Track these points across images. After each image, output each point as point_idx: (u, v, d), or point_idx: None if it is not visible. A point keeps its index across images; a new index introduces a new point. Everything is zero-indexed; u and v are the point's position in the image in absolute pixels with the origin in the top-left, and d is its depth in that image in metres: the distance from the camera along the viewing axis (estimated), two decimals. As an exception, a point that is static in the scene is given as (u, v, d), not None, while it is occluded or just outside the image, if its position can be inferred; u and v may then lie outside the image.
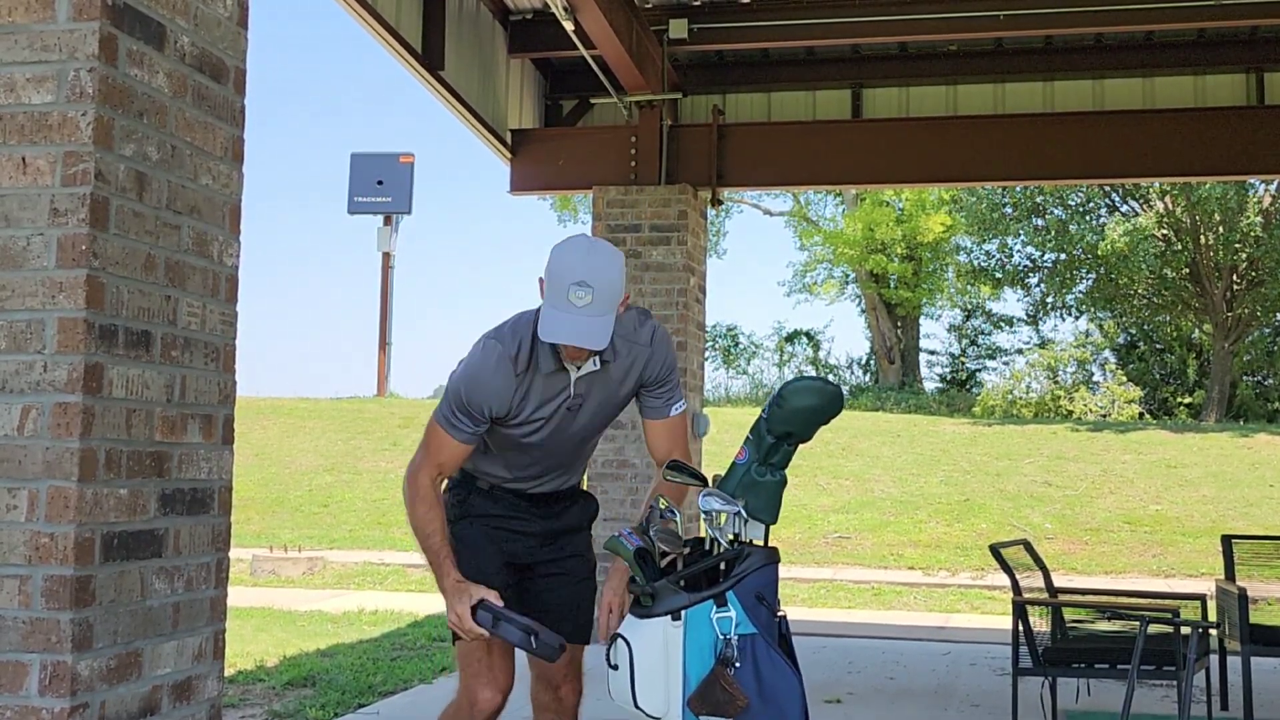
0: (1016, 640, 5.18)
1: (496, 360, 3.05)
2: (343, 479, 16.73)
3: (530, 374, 3.07)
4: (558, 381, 3.10)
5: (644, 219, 7.97)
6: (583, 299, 2.90)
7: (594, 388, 3.13)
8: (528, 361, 3.06)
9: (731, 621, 2.84)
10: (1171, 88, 8.21)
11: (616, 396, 3.19)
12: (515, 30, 8.16)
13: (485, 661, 3.18)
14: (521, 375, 3.06)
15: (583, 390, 3.12)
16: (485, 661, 3.18)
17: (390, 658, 7.63)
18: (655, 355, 3.17)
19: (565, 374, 3.09)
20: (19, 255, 2.44)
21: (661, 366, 3.18)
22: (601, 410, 3.20)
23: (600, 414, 3.21)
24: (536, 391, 3.09)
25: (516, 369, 3.05)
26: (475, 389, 3.06)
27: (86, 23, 2.45)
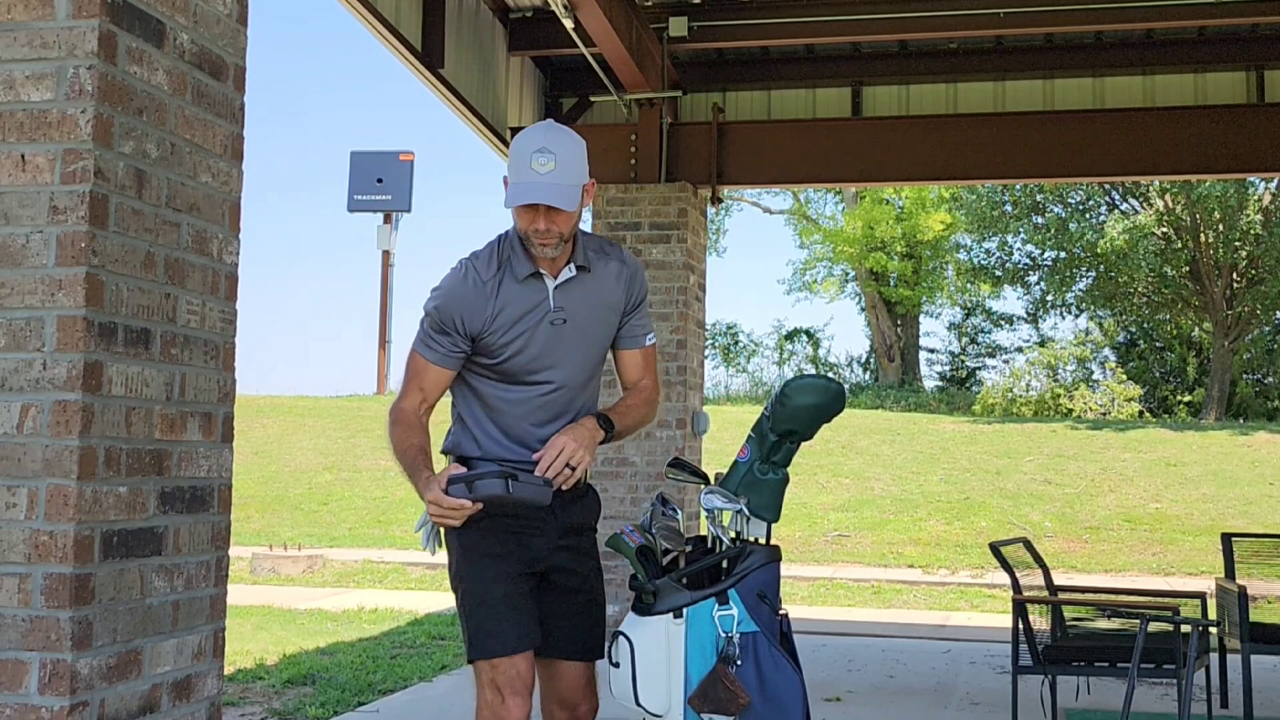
0: (1016, 638, 5.17)
1: (465, 270, 3.06)
2: (342, 477, 16.73)
3: (502, 277, 3.03)
4: (535, 292, 3.05)
5: (644, 217, 7.96)
6: (545, 165, 2.91)
7: (576, 300, 3.08)
8: (498, 267, 3.04)
9: (733, 619, 2.84)
10: (1172, 86, 8.20)
11: (604, 316, 3.13)
12: (515, 28, 8.15)
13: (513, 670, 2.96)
14: (492, 281, 3.03)
15: (563, 302, 3.07)
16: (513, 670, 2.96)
17: (390, 656, 7.63)
18: (634, 275, 3.18)
19: (542, 283, 3.06)
20: (18, 253, 2.44)
21: (640, 289, 3.20)
22: (593, 329, 3.11)
23: (592, 334, 3.11)
24: (513, 301, 3.03)
25: (485, 275, 3.03)
26: (445, 300, 3.04)
27: (86, 20, 2.45)
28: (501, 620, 2.97)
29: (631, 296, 3.19)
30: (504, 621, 2.97)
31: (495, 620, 2.98)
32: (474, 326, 3.04)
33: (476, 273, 3.05)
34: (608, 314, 3.15)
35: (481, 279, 3.04)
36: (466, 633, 3.04)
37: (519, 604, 3.01)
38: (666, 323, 7.87)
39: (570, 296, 3.09)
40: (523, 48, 8.21)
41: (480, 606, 3.00)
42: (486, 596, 3.00)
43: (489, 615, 2.99)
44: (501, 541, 3.04)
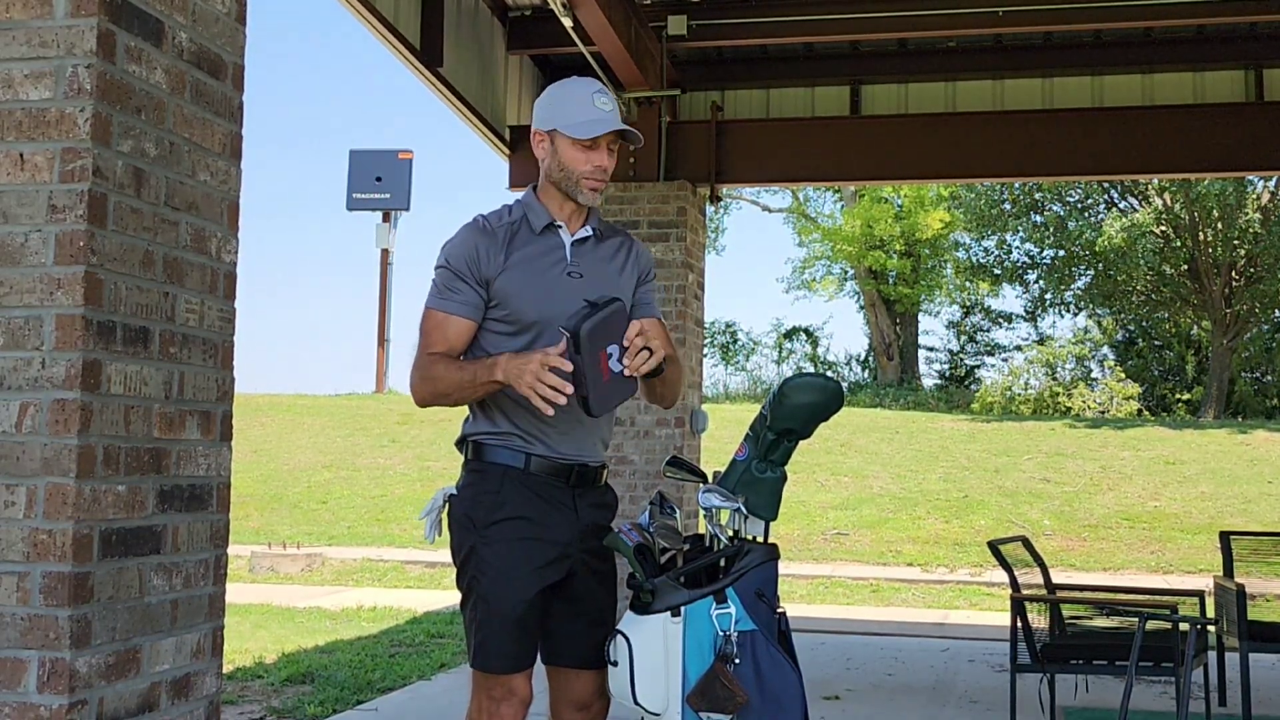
0: (1015, 637, 5.18)
1: (476, 221, 3.07)
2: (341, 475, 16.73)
3: (517, 228, 3.04)
4: (552, 243, 3.06)
5: (642, 215, 7.97)
6: (608, 104, 3.02)
7: (590, 260, 3.09)
8: (509, 216, 3.07)
9: (731, 618, 2.84)
10: (1170, 84, 8.20)
11: (617, 279, 3.12)
12: (514, 27, 8.15)
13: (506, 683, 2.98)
14: (504, 228, 3.04)
15: (578, 259, 3.07)
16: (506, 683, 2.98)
17: (389, 654, 7.63)
18: (641, 250, 3.23)
19: (559, 236, 3.07)
20: (17, 252, 2.44)
21: (649, 263, 3.23)
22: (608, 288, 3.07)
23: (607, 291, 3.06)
24: (528, 248, 3.03)
25: (496, 224, 3.04)
26: (457, 247, 3.02)
27: (84, 19, 2.45)
28: (508, 641, 2.96)
29: (641, 269, 3.20)
30: (510, 643, 2.96)
31: (501, 640, 2.96)
32: (488, 269, 2.99)
33: (487, 221, 3.07)
34: (621, 278, 3.13)
35: (493, 226, 3.05)
36: (472, 639, 3.01)
37: (527, 627, 2.98)
38: (665, 320, 7.87)
39: (584, 257, 3.09)
40: (521, 46, 8.21)
41: (490, 622, 2.97)
42: (498, 614, 2.96)
43: (496, 633, 2.97)
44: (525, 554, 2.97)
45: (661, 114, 8.02)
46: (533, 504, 2.99)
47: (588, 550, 3.05)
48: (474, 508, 3.01)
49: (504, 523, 2.97)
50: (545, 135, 3.06)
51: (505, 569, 2.95)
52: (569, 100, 3.04)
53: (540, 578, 2.97)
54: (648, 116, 8.01)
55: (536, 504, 3.00)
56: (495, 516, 2.98)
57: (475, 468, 3.08)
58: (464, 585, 3.05)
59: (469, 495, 3.04)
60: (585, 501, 3.06)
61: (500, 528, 2.97)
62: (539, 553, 2.97)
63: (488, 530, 2.97)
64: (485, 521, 2.98)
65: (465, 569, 3.03)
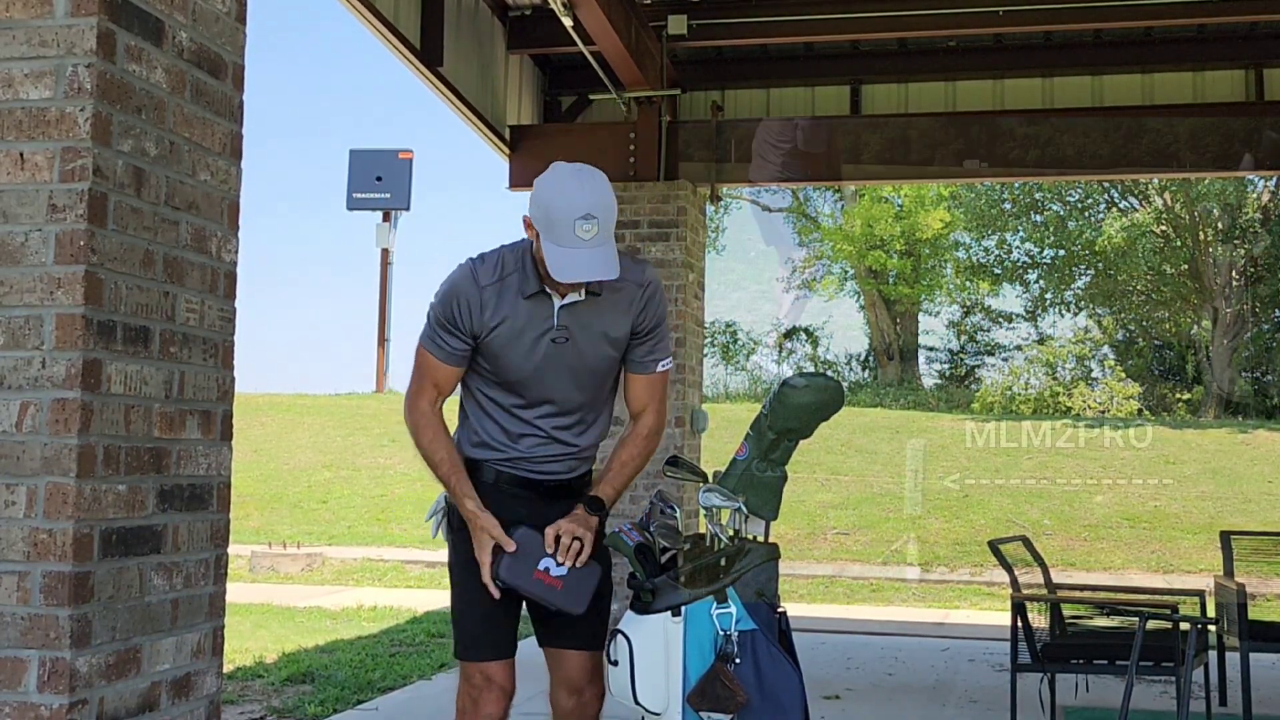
0: (1015, 636, 5.17)
1: (468, 270, 3.07)
2: (341, 475, 16.72)
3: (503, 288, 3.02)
4: (541, 309, 3.04)
5: (643, 215, 7.97)
6: (590, 231, 2.85)
7: (580, 321, 3.05)
8: (501, 276, 3.03)
9: (732, 618, 2.84)
10: (1170, 84, 8.20)
11: (609, 337, 3.08)
12: (514, 26, 8.15)
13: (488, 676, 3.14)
14: (492, 287, 3.02)
15: (567, 322, 3.04)
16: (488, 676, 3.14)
17: (389, 654, 7.63)
18: (650, 299, 3.10)
19: (548, 301, 3.04)
20: (17, 251, 2.44)
21: (654, 314, 3.12)
22: (594, 350, 3.08)
23: (594, 354, 3.08)
24: (516, 314, 3.02)
25: (485, 280, 3.02)
26: (447, 296, 3.05)
27: (84, 18, 2.45)
28: (479, 632, 3.15)
29: (645, 320, 3.12)
30: (481, 633, 3.14)
31: (474, 631, 3.16)
32: (476, 326, 3.05)
33: (476, 276, 3.05)
34: (614, 336, 3.10)
35: (481, 283, 3.04)
36: (454, 629, 3.22)
37: (497, 619, 3.13)
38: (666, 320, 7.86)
39: (575, 317, 3.06)
40: (522, 46, 8.21)
41: (465, 614, 3.18)
42: (471, 607, 3.15)
43: (469, 625, 3.17)
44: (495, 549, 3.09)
45: (661, 114, 8.01)
46: (503, 508, 3.11)
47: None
48: (452, 510, 3.20)
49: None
50: (533, 229, 2.97)
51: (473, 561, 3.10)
52: (555, 212, 2.88)
53: None
54: (648, 116, 8.01)
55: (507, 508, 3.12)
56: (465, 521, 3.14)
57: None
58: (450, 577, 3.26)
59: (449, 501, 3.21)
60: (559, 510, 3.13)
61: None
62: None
63: (461, 531, 3.15)
64: (459, 524, 3.16)
65: (449, 564, 3.25)
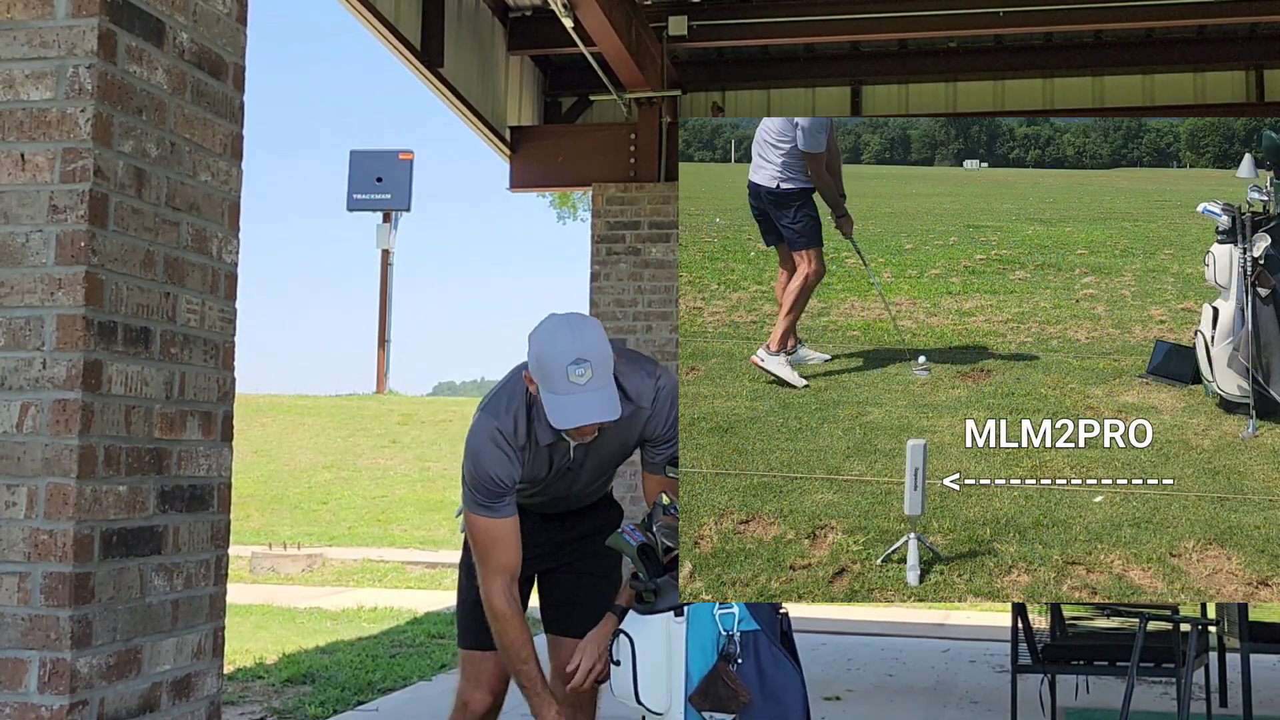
0: (1015, 637, 5.17)
1: (495, 441, 3.04)
2: (342, 476, 16.73)
3: (531, 445, 3.07)
4: (559, 449, 3.14)
5: (643, 216, 7.97)
6: (583, 375, 2.88)
7: (591, 451, 3.17)
8: (525, 435, 3.05)
9: (734, 618, 2.84)
10: (1171, 85, 8.20)
11: (615, 453, 3.24)
12: (514, 27, 8.15)
13: (478, 665, 3.34)
14: (524, 449, 3.07)
15: (580, 457, 3.17)
16: (478, 665, 3.34)
17: (390, 655, 7.62)
18: (656, 415, 3.13)
19: (565, 445, 3.12)
20: (18, 252, 2.44)
21: (663, 425, 3.15)
22: (601, 466, 3.26)
23: (600, 469, 3.27)
24: (538, 461, 3.13)
25: (515, 444, 3.04)
26: (484, 469, 3.05)
27: (85, 19, 2.45)
28: (469, 620, 3.32)
29: (655, 429, 3.16)
30: (471, 622, 3.30)
31: (466, 619, 3.35)
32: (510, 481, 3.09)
33: (504, 441, 3.04)
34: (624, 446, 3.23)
35: (513, 448, 3.05)
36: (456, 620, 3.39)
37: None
38: (665, 321, 7.87)
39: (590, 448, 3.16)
40: (522, 46, 8.21)
41: (463, 602, 3.36)
42: (469, 596, 3.28)
43: (467, 614, 3.34)
44: None
45: (662, 114, 8.01)
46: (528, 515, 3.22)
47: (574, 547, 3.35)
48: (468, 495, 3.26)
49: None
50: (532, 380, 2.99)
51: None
52: (547, 361, 2.91)
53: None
54: (648, 116, 8.01)
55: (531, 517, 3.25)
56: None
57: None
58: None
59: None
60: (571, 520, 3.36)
61: None
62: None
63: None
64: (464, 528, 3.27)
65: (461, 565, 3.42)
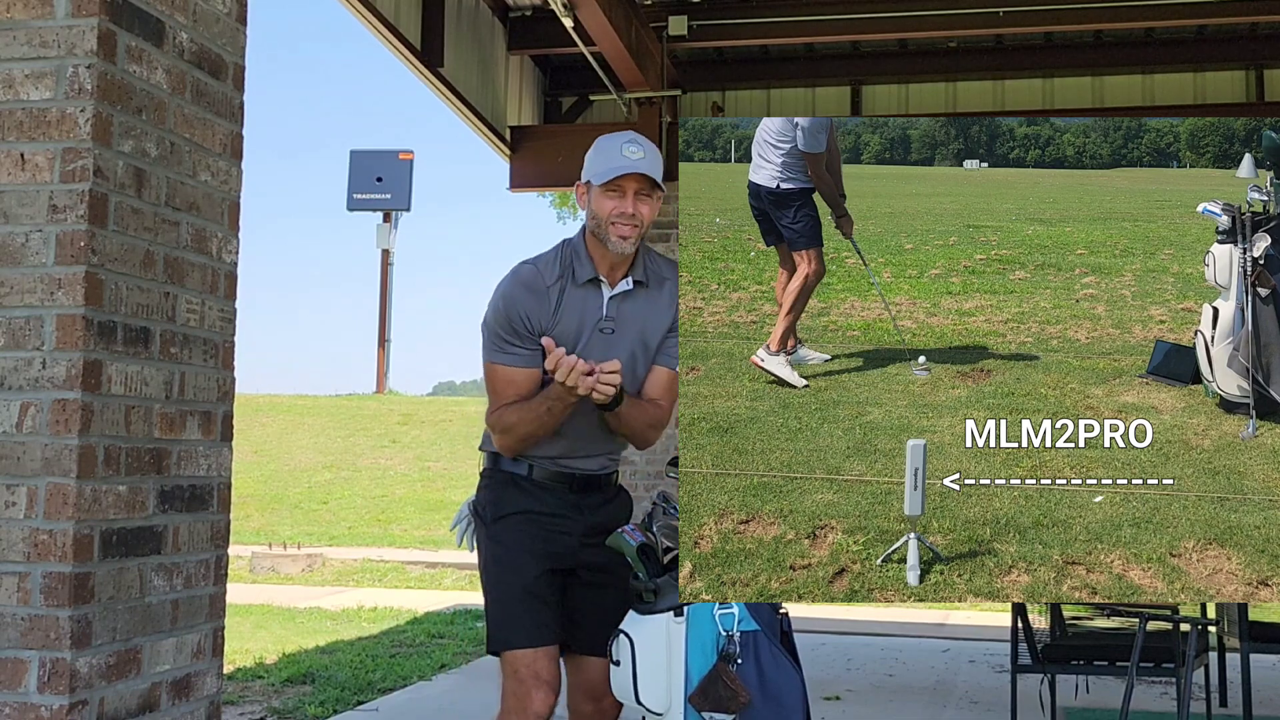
0: (1015, 637, 5.17)
1: (526, 273, 3.12)
2: (342, 476, 16.73)
3: (565, 284, 3.11)
4: (592, 298, 3.13)
5: (643, 216, 7.96)
6: (636, 153, 3.06)
7: (627, 314, 3.15)
8: (559, 271, 3.12)
9: (734, 618, 2.84)
10: (1171, 85, 8.20)
11: (649, 331, 3.18)
12: (514, 27, 8.15)
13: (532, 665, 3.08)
14: (555, 285, 3.10)
15: (614, 313, 3.13)
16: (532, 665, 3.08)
17: (390, 655, 7.62)
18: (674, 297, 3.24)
19: (599, 290, 3.13)
20: (18, 252, 2.44)
21: (675, 313, 3.25)
22: (637, 347, 3.17)
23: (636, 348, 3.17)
24: (572, 306, 3.11)
25: (549, 279, 3.10)
26: (509, 303, 3.09)
27: (85, 19, 2.45)
28: (520, 614, 3.09)
29: (673, 314, 3.23)
30: (523, 615, 3.09)
31: (515, 614, 3.10)
32: (539, 325, 3.08)
33: (540, 274, 3.11)
34: (652, 330, 3.20)
35: (545, 282, 3.10)
36: (490, 624, 3.17)
37: (539, 600, 3.11)
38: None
39: (623, 309, 3.15)
40: (522, 46, 8.21)
41: (503, 599, 3.13)
42: (510, 590, 3.12)
43: (509, 608, 3.11)
44: (530, 538, 3.15)
45: (662, 114, 8.01)
46: (537, 500, 3.18)
47: (593, 545, 3.15)
48: (484, 507, 3.22)
49: (509, 516, 3.18)
50: (584, 186, 3.16)
51: (513, 548, 3.14)
52: (601, 152, 3.13)
53: (547, 557, 3.15)
54: (648, 116, 8.00)
55: (540, 500, 3.18)
56: (501, 512, 3.19)
57: (488, 476, 3.27)
58: (482, 579, 3.24)
59: (482, 499, 3.24)
60: (590, 502, 3.22)
61: (506, 520, 3.17)
62: (542, 536, 3.16)
63: (495, 524, 3.18)
64: (493, 517, 3.19)
65: (480, 562, 3.23)
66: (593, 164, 3.13)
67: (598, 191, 3.08)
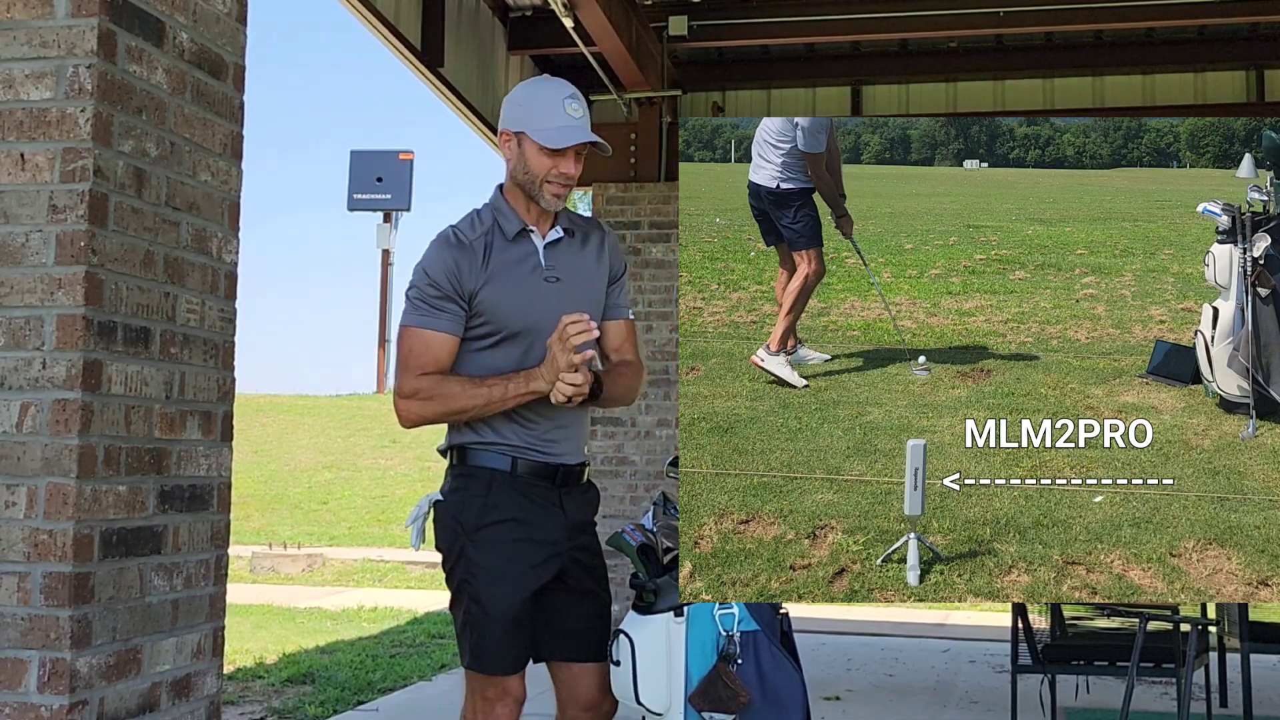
0: (1016, 637, 5.17)
1: (445, 233, 3.02)
2: (342, 476, 16.73)
3: (490, 238, 3.00)
4: (525, 249, 3.03)
5: (643, 216, 7.97)
6: (577, 111, 3.02)
7: (564, 262, 3.06)
8: (482, 227, 3.02)
9: (734, 618, 2.84)
10: (1171, 85, 8.20)
11: (593, 279, 3.11)
12: (514, 27, 8.15)
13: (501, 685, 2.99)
14: (479, 239, 2.99)
15: (553, 262, 3.04)
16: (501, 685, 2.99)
17: (389, 655, 7.63)
18: (613, 248, 3.18)
19: (531, 241, 3.04)
20: (18, 252, 2.44)
21: (619, 262, 3.20)
22: (585, 292, 3.07)
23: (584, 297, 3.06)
24: (504, 258, 3.00)
25: (470, 235, 3.00)
26: (435, 263, 2.97)
27: (85, 19, 2.45)
28: (504, 643, 2.96)
29: (613, 267, 3.18)
30: (507, 645, 2.96)
31: (497, 642, 2.96)
32: (469, 284, 2.96)
33: (460, 234, 3.01)
34: (596, 279, 3.12)
35: (469, 237, 3.00)
36: (467, 642, 3.00)
37: (521, 627, 2.97)
38: (666, 321, 7.88)
39: (559, 258, 3.06)
40: (522, 46, 8.20)
41: (485, 624, 2.96)
42: (493, 616, 2.94)
43: (492, 635, 2.96)
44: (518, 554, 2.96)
45: (662, 114, 8.01)
46: (521, 505, 2.98)
47: (577, 546, 3.04)
48: (462, 511, 2.97)
49: (494, 525, 2.95)
50: (513, 136, 3.03)
51: (498, 570, 2.94)
52: (539, 103, 3.02)
53: (534, 577, 2.96)
54: (648, 116, 8.00)
55: (525, 505, 2.98)
56: (485, 519, 2.96)
57: (462, 472, 3.03)
58: (454, 587, 3.03)
59: (457, 499, 2.99)
60: (571, 500, 3.05)
61: (491, 530, 2.95)
62: (530, 553, 2.96)
63: (478, 533, 2.95)
64: (475, 524, 2.95)
65: (455, 572, 3.01)
66: (530, 115, 3.01)
67: (535, 148, 2.98)
